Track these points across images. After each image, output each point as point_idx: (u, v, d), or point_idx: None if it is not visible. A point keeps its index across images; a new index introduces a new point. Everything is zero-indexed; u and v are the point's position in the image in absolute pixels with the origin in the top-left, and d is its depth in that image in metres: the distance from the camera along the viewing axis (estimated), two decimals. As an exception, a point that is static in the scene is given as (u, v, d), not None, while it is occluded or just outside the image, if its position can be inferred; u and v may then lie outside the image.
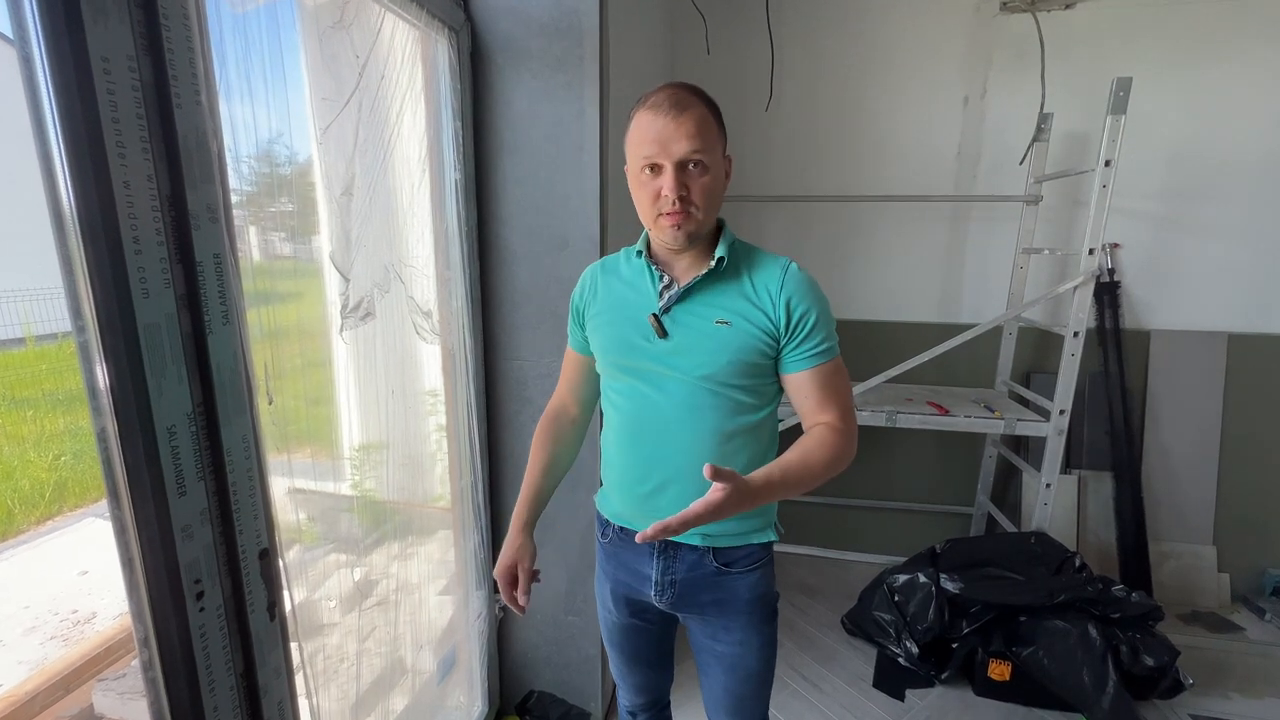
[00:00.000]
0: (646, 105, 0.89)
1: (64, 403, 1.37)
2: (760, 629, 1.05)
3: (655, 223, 0.92)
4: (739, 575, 1.02)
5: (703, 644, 1.10)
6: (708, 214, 0.91)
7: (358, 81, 1.09)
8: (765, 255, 0.98)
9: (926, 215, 2.52)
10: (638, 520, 1.03)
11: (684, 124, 0.86)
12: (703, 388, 0.94)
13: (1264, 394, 2.39)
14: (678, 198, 0.87)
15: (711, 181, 0.90)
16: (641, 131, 0.89)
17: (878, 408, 2.20)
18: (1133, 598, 1.87)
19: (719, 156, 0.91)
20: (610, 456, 1.06)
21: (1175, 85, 2.24)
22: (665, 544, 1.02)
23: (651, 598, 1.06)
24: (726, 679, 1.09)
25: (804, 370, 0.93)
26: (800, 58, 2.49)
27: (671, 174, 0.87)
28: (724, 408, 0.95)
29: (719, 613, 1.05)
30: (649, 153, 0.88)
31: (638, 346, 0.97)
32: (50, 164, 0.55)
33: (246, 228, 0.96)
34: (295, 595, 0.92)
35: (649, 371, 0.97)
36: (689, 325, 0.94)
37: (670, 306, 0.95)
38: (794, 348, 0.93)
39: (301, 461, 1.08)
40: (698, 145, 0.86)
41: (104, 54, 0.55)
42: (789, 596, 2.51)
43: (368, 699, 1.27)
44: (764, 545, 1.04)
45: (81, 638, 1.51)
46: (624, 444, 1.03)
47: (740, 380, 0.94)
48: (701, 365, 0.93)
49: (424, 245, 1.43)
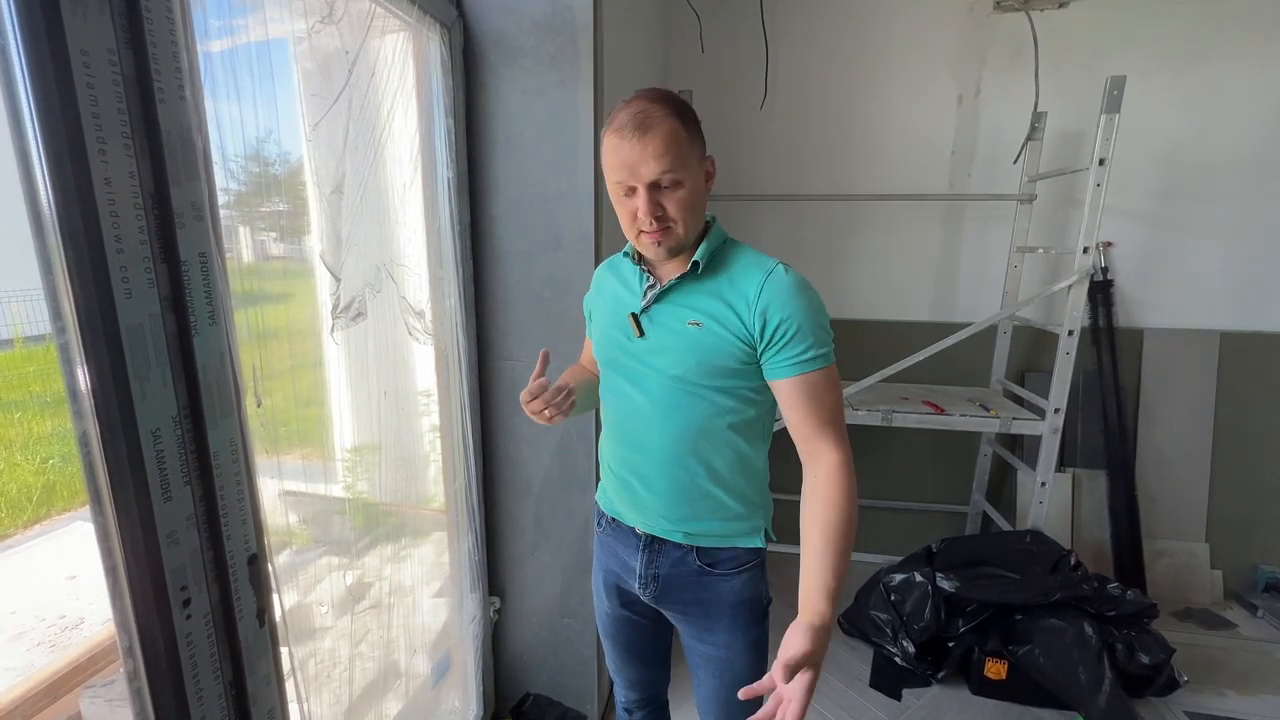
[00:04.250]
0: (613, 128, 0.86)
1: (52, 405, 1.36)
2: (745, 632, 1.04)
3: (637, 240, 0.93)
4: (722, 578, 1.02)
5: (691, 645, 1.10)
6: (688, 226, 0.90)
7: (348, 78, 1.07)
8: (752, 259, 0.95)
9: (921, 214, 2.52)
10: (625, 511, 1.06)
11: (649, 144, 0.83)
12: (677, 387, 0.95)
13: (1256, 392, 2.40)
14: (653, 218, 0.87)
15: (688, 194, 0.87)
16: (610, 155, 0.87)
17: (873, 407, 2.20)
18: (1128, 596, 1.87)
19: (694, 166, 0.88)
20: (602, 446, 1.11)
21: (1168, 84, 2.25)
22: (651, 537, 1.04)
23: (637, 590, 1.07)
24: (715, 683, 1.08)
25: (787, 378, 0.90)
26: (794, 56, 2.49)
27: (645, 196, 0.86)
28: (701, 407, 0.95)
29: (702, 613, 1.04)
30: (620, 177, 0.87)
31: (620, 344, 1.00)
32: (28, 160, 0.54)
33: (235, 227, 0.94)
34: (286, 600, 0.90)
35: (630, 368, 1.00)
36: (664, 325, 0.96)
37: (649, 306, 0.97)
38: (774, 354, 0.90)
39: (292, 464, 1.06)
40: (666, 165, 0.84)
41: (83, 47, 0.54)
42: (785, 597, 2.49)
43: (361, 704, 1.26)
44: (751, 550, 1.03)
45: (69, 644, 1.48)
46: (611, 437, 1.07)
47: (715, 381, 0.93)
48: (672, 365, 0.94)
49: (416, 244, 1.41)
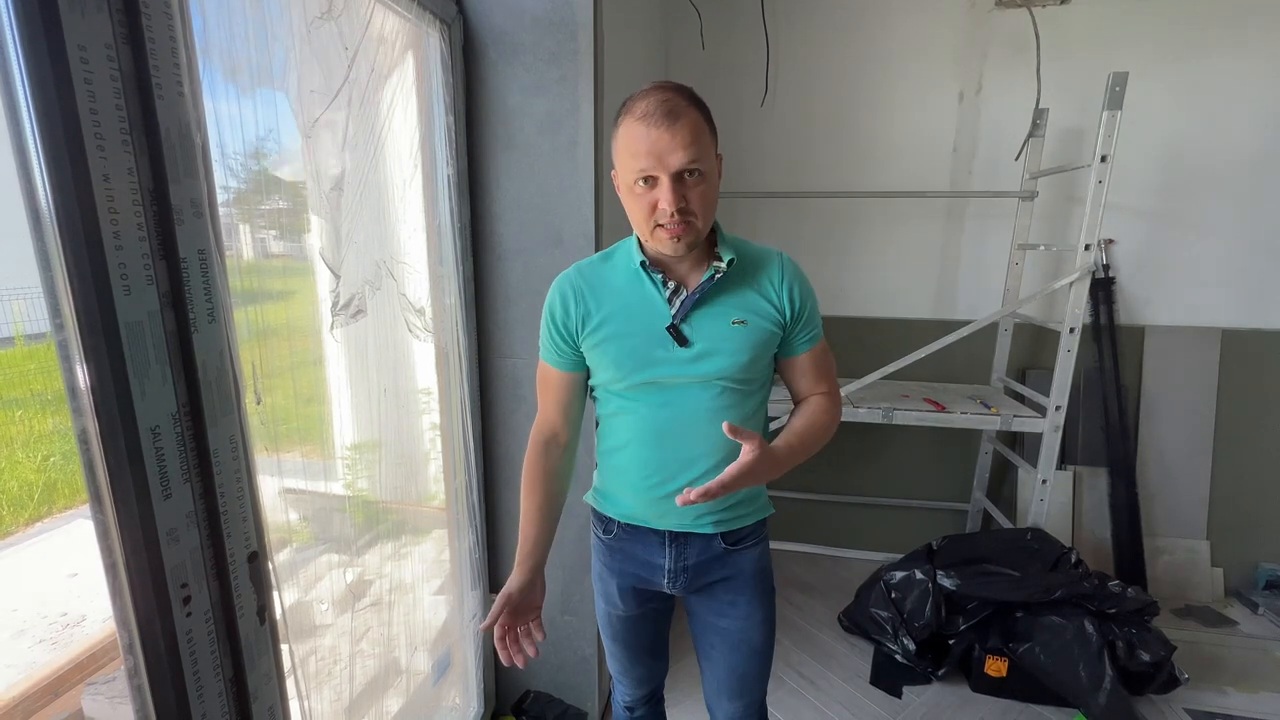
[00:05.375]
0: (636, 115, 0.83)
1: (53, 403, 1.35)
2: (763, 602, 1.09)
3: (652, 234, 0.89)
4: (744, 551, 1.06)
5: (708, 624, 1.11)
6: (706, 221, 0.90)
7: (347, 74, 1.07)
8: (757, 248, 1.00)
9: (922, 211, 2.51)
10: (653, 518, 1.03)
11: (679, 134, 0.81)
12: (723, 387, 0.95)
13: (1257, 389, 2.40)
14: (677, 210, 0.84)
15: (708, 188, 0.87)
16: (633, 143, 0.83)
17: (874, 404, 2.19)
18: (1128, 593, 1.87)
19: (713, 160, 0.89)
20: (621, 462, 1.02)
21: (1171, 80, 2.24)
22: (675, 534, 1.04)
23: (664, 586, 1.07)
24: (732, 658, 1.11)
25: (805, 352, 0.99)
26: (795, 53, 2.48)
27: (669, 187, 0.83)
28: (745, 402, 0.98)
29: (726, 589, 1.07)
30: (643, 165, 0.83)
31: (656, 358, 0.94)
32: (26, 158, 0.53)
33: (235, 224, 0.94)
34: (286, 597, 0.90)
35: (668, 381, 0.95)
36: (708, 331, 0.93)
37: (687, 314, 0.94)
38: (797, 332, 0.98)
39: (293, 461, 1.06)
40: (694, 155, 0.82)
41: (81, 43, 0.54)
42: (786, 594, 2.50)
43: (361, 701, 1.26)
44: (762, 521, 1.08)
45: (71, 641, 1.48)
46: (642, 449, 0.99)
47: (754, 373, 0.97)
48: (725, 368, 0.94)
49: (416, 241, 1.41)
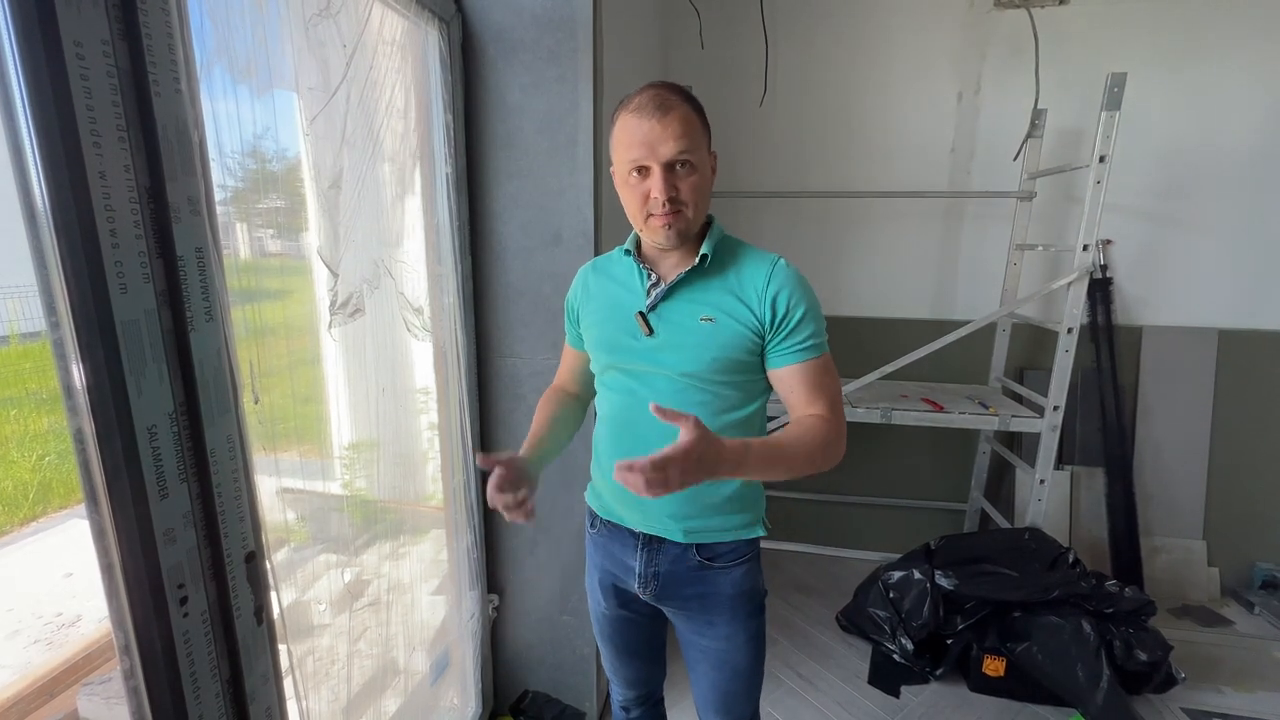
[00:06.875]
0: (630, 108, 0.88)
1: (48, 402, 1.34)
2: (745, 624, 1.05)
3: (645, 224, 0.92)
4: (721, 570, 1.02)
5: (689, 639, 1.10)
6: (697, 212, 0.92)
7: (345, 72, 1.06)
8: (754, 252, 0.98)
9: (920, 211, 2.52)
10: (624, 513, 1.05)
11: (669, 125, 0.85)
12: (688, 384, 0.94)
13: (1253, 389, 2.41)
14: (668, 199, 0.88)
15: (699, 180, 0.90)
16: (627, 134, 0.88)
17: (872, 404, 2.20)
18: (1126, 593, 1.88)
19: (705, 154, 0.92)
20: (599, 451, 1.07)
21: (1169, 81, 2.24)
22: (649, 537, 1.03)
23: (637, 590, 1.06)
24: (714, 675, 1.09)
25: (791, 365, 0.92)
26: (794, 53, 2.48)
27: (660, 176, 0.87)
28: (710, 404, 0.94)
29: (702, 608, 1.04)
30: (636, 155, 0.87)
31: (626, 344, 0.97)
32: (21, 155, 0.53)
33: (232, 222, 0.93)
34: (284, 597, 0.90)
35: (636, 368, 0.97)
36: (674, 322, 0.94)
37: (657, 304, 0.95)
38: (780, 342, 0.92)
39: (290, 461, 1.06)
40: (684, 145, 0.86)
41: (76, 38, 0.53)
42: (784, 594, 2.50)
43: (359, 701, 1.25)
44: (749, 541, 1.04)
45: (66, 641, 1.47)
46: (612, 439, 1.03)
47: (725, 376, 0.94)
48: (686, 362, 0.93)
49: (414, 240, 1.40)
